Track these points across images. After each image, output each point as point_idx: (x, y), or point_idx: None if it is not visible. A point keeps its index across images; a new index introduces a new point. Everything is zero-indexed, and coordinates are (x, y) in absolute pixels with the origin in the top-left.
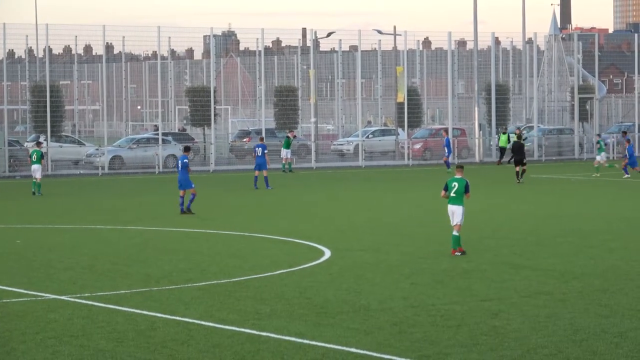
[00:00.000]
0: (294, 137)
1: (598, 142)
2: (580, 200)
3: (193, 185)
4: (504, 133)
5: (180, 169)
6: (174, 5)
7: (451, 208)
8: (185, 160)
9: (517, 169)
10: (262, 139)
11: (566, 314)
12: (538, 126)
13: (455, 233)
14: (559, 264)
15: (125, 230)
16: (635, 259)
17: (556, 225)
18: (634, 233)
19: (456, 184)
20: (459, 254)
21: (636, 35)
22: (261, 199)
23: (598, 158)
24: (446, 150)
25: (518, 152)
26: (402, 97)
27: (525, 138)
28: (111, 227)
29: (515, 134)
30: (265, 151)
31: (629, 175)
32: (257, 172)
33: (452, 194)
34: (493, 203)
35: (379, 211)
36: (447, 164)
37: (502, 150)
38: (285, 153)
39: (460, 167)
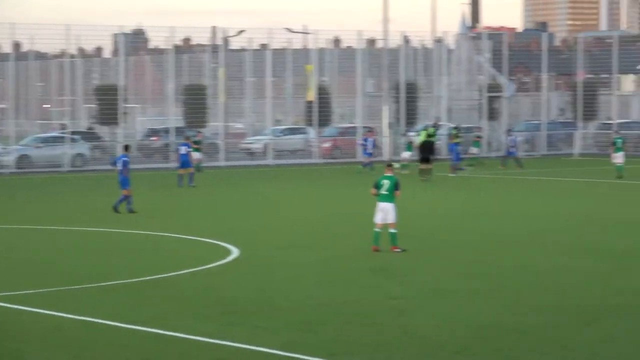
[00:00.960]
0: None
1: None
2: (489, 197)
3: (128, 187)
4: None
5: (122, 167)
6: (83, 3)
7: (382, 206)
8: (125, 159)
9: (423, 166)
10: (187, 138)
11: (471, 311)
12: (447, 125)
13: (392, 230)
14: (462, 261)
15: (32, 230)
16: (534, 256)
17: (457, 221)
18: (536, 229)
19: (387, 181)
20: (399, 250)
21: (544, 34)
22: (170, 198)
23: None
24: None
25: (426, 151)
26: (311, 95)
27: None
28: (18, 227)
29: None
30: (190, 149)
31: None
32: (181, 171)
33: (383, 192)
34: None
35: (289, 210)
36: (367, 164)
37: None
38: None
39: (389, 165)
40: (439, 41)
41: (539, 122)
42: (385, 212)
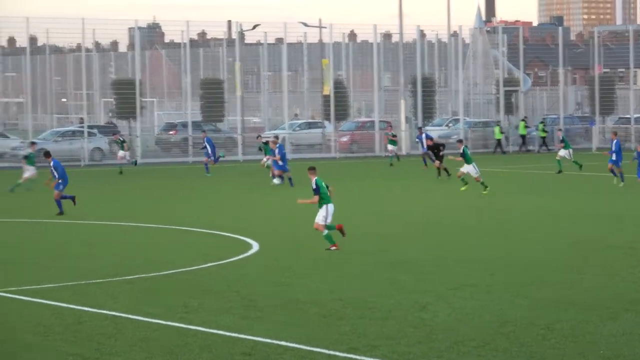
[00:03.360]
0: (123, 141)
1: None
2: (509, 192)
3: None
4: (522, 120)
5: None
6: None
7: (332, 206)
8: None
9: (438, 165)
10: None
11: (493, 306)
12: (464, 119)
13: (326, 231)
14: (484, 256)
15: (52, 223)
16: (560, 252)
17: (479, 217)
18: (554, 225)
19: (324, 184)
20: (334, 248)
21: (560, 28)
22: (188, 192)
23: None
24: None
25: (438, 149)
26: (328, 89)
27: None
28: (37, 221)
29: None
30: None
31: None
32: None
33: (327, 195)
34: (417, 196)
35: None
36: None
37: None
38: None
39: (312, 168)
40: (454, 35)
41: (556, 116)
42: (330, 213)
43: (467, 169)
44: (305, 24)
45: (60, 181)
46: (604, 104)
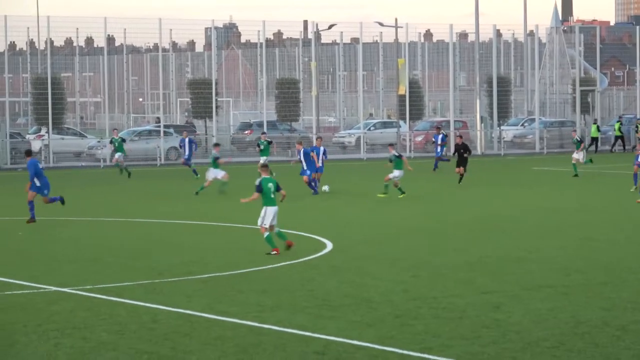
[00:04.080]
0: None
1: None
2: (579, 193)
3: (45, 193)
4: (594, 123)
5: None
6: None
7: (272, 209)
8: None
9: (458, 170)
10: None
11: (568, 307)
12: (540, 118)
13: (279, 229)
14: (561, 257)
15: (128, 222)
16: (630, 253)
17: (559, 218)
18: (635, 226)
19: (271, 184)
20: (275, 253)
21: (637, 27)
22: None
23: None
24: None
25: (462, 154)
26: (403, 89)
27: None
28: (113, 220)
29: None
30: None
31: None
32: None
33: (271, 196)
34: (497, 194)
35: (380, 204)
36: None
37: (593, 140)
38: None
39: (265, 166)
40: (531, 35)
41: (633, 115)
42: (274, 216)
43: (395, 174)
44: (381, 24)
45: (38, 184)
46: None
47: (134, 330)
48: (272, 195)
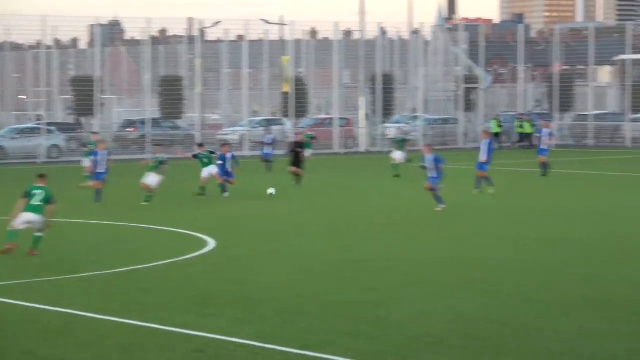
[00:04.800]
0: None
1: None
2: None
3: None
4: (494, 119)
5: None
6: None
7: (25, 216)
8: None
9: (294, 170)
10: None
11: (447, 301)
12: (423, 116)
13: (39, 234)
14: (437, 254)
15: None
16: (514, 249)
17: (433, 214)
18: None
19: (40, 192)
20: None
21: (520, 26)
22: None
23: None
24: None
25: (298, 153)
26: (288, 87)
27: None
28: None
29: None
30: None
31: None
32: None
33: (34, 203)
34: (376, 193)
35: (269, 201)
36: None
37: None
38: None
39: (42, 175)
40: (415, 33)
41: (515, 113)
42: (31, 222)
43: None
44: (267, 21)
45: None
46: (563, 101)
47: (13, 329)
48: (38, 203)
